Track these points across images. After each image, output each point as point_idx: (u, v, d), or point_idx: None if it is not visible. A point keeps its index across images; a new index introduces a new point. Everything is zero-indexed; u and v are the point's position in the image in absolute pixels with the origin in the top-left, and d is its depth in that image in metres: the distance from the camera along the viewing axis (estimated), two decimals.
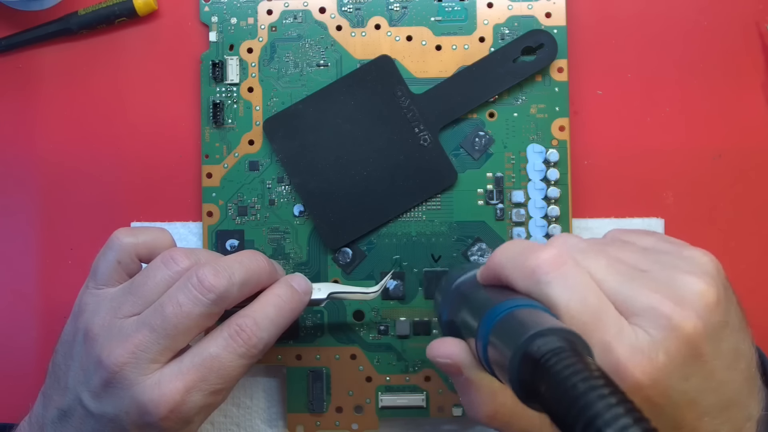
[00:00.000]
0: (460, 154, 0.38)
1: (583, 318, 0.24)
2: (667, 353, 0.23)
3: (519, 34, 0.38)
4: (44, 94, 0.41)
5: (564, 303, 0.24)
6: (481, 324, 0.24)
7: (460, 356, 0.27)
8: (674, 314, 0.24)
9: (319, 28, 0.39)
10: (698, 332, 0.24)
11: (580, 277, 0.25)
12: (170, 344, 0.30)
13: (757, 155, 0.39)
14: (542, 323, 0.21)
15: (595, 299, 0.24)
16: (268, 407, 0.40)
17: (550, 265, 0.25)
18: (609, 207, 0.39)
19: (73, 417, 0.31)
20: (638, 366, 0.23)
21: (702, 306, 0.24)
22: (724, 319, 0.25)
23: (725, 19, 0.40)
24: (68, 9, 0.40)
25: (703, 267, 0.26)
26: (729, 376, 0.25)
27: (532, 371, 0.20)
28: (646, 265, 0.26)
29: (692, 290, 0.24)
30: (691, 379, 0.24)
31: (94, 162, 0.40)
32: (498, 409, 0.27)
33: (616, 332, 0.24)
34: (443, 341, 0.28)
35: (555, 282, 0.24)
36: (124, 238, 0.33)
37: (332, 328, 0.39)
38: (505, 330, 0.23)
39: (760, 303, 0.39)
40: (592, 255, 0.26)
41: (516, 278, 0.25)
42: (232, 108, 0.39)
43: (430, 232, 0.38)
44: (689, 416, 0.24)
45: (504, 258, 0.26)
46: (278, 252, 0.39)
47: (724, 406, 0.25)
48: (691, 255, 0.26)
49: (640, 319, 0.24)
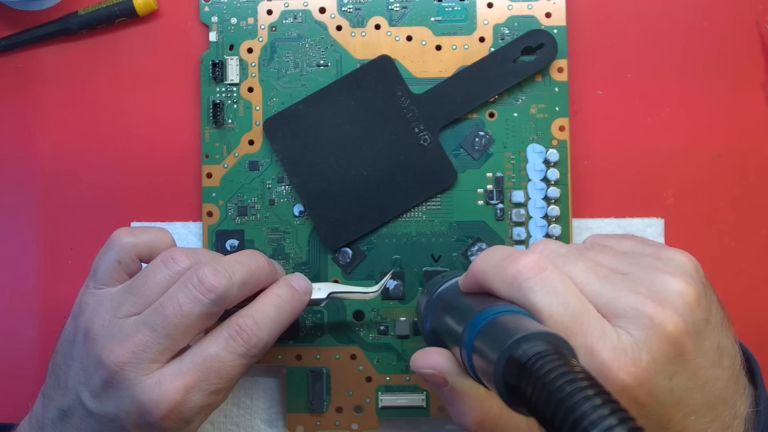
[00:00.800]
0: (460, 154, 0.38)
1: (566, 322, 0.24)
2: (650, 353, 0.24)
3: (519, 34, 0.38)
4: (44, 94, 0.41)
5: (546, 308, 0.24)
6: (465, 332, 0.24)
7: (445, 366, 0.27)
8: (656, 314, 0.24)
9: (319, 28, 0.39)
10: (680, 331, 0.24)
11: (561, 281, 0.25)
12: (170, 344, 0.30)
13: (757, 155, 0.39)
14: (526, 328, 0.21)
15: (577, 303, 0.24)
16: (268, 407, 0.40)
17: (531, 270, 0.25)
18: (609, 207, 0.39)
19: (73, 417, 0.31)
20: (622, 367, 0.23)
21: (683, 305, 0.24)
22: (705, 317, 0.25)
23: (725, 19, 0.40)
24: (68, 9, 0.40)
25: (682, 267, 0.26)
26: (714, 373, 0.25)
27: (517, 375, 0.20)
28: (626, 268, 0.26)
29: (672, 290, 0.25)
30: (675, 378, 0.24)
31: (94, 162, 0.41)
32: (485, 416, 0.27)
33: (599, 334, 0.24)
34: (426, 352, 0.28)
35: (536, 287, 0.24)
36: (124, 238, 0.33)
37: (332, 328, 0.39)
38: (489, 336, 0.23)
39: (760, 303, 0.39)
40: (572, 259, 0.26)
41: (498, 285, 0.26)
42: (232, 108, 0.39)
43: (430, 232, 0.38)
44: (676, 415, 0.25)
45: (485, 265, 0.26)
46: (278, 252, 0.39)
47: (711, 405, 0.25)
48: (669, 256, 0.27)
49: (623, 321, 0.24)
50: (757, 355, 0.29)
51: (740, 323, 0.38)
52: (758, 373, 0.28)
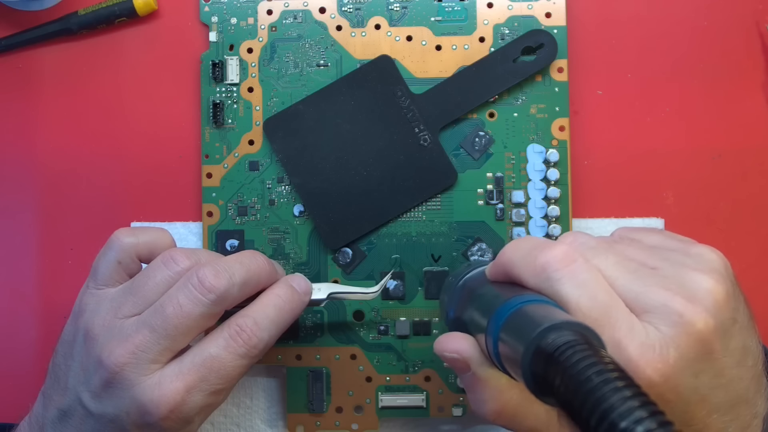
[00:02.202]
0: (460, 154, 0.38)
1: (594, 315, 0.24)
2: (678, 350, 0.23)
3: (519, 34, 0.38)
4: (44, 94, 0.41)
5: (574, 300, 0.24)
6: (491, 320, 0.24)
7: (469, 351, 0.27)
8: (685, 311, 0.24)
9: (319, 28, 0.39)
10: (709, 329, 0.24)
11: (590, 274, 0.25)
12: (170, 345, 0.30)
13: (757, 155, 0.39)
14: (554, 317, 0.21)
15: (606, 296, 0.24)
16: (268, 407, 0.40)
17: (560, 262, 0.25)
18: (609, 207, 0.39)
19: (73, 417, 0.31)
20: (649, 363, 0.23)
21: (712, 303, 0.24)
22: (734, 316, 0.25)
23: (725, 19, 0.40)
24: (68, 9, 0.40)
25: (712, 264, 0.26)
26: (738, 373, 0.25)
27: (545, 365, 0.20)
28: (655, 263, 0.26)
29: (702, 287, 0.25)
30: (701, 375, 0.24)
31: (94, 162, 0.40)
32: (504, 405, 0.27)
33: (627, 329, 0.24)
34: (451, 336, 0.28)
35: (565, 279, 0.24)
36: (124, 239, 0.33)
37: (332, 328, 0.39)
38: (516, 325, 0.22)
39: (760, 303, 0.39)
40: (601, 252, 0.26)
41: (526, 275, 0.25)
42: (232, 108, 0.39)
43: (430, 232, 0.38)
44: (699, 413, 0.24)
45: (514, 255, 0.26)
46: (278, 252, 0.39)
47: (733, 404, 0.25)
48: (699, 252, 0.26)
49: (651, 316, 0.24)
50: None
51: None
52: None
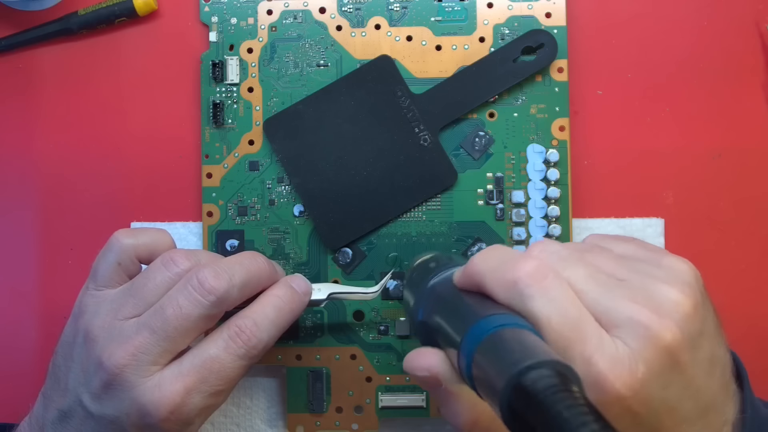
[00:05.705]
0: (460, 154, 0.38)
1: (565, 332, 0.24)
2: (646, 363, 0.24)
3: (519, 34, 0.38)
4: (44, 94, 0.41)
5: (545, 317, 0.24)
6: (465, 340, 0.24)
7: (439, 367, 0.26)
8: (652, 324, 0.24)
9: (319, 28, 0.39)
10: (677, 341, 0.24)
11: (561, 290, 0.24)
12: (170, 346, 0.30)
13: (757, 155, 0.39)
14: (533, 352, 0.21)
15: (576, 312, 0.24)
16: (268, 407, 0.40)
17: (531, 277, 0.24)
18: (609, 207, 0.39)
19: (73, 418, 0.31)
20: (619, 378, 0.23)
21: (680, 315, 0.24)
22: (701, 327, 0.25)
23: (725, 19, 0.39)
24: (68, 9, 0.40)
25: (681, 276, 0.26)
26: (706, 382, 0.25)
27: (524, 403, 0.20)
28: (624, 274, 0.26)
29: (670, 299, 0.25)
30: (670, 387, 0.24)
31: (94, 162, 0.40)
32: (478, 416, 0.27)
33: (597, 344, 0.24)
34: (420, 353, 0.27)
35: (537, 296, 0.24)
36: (124, 240, 0.33)
37: (332, 328, 0.39)
38: (492, 351, 0.22)
39: (759, 303, 0.39)
40: (571, 264, 0.26)
41: (496, 289, 0.25)
42: (232, 108, 0.39)
43: (430, 232, 0.38)
44: (668, 423, 0.25)
45: (483, 267, 0.26)
46: (278, 252, 0.39)
47: (702, 412, 0.25)
48: (669, 263, 0.26)
49: (620, 330, 0.24)
50: (756, 355, 0.29)
51: (740, 324, 0.38)
52: (745, 378, 0.28)
